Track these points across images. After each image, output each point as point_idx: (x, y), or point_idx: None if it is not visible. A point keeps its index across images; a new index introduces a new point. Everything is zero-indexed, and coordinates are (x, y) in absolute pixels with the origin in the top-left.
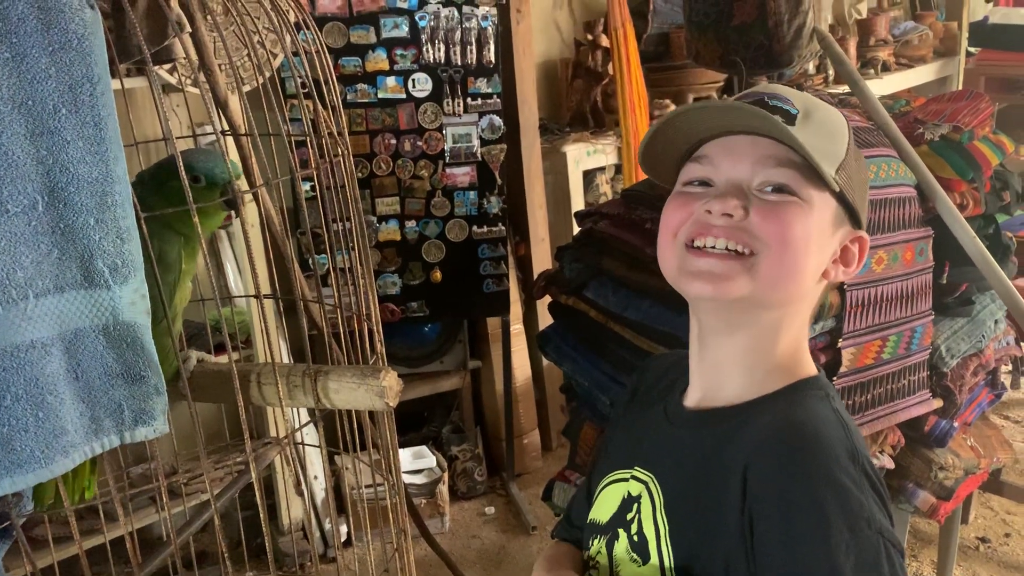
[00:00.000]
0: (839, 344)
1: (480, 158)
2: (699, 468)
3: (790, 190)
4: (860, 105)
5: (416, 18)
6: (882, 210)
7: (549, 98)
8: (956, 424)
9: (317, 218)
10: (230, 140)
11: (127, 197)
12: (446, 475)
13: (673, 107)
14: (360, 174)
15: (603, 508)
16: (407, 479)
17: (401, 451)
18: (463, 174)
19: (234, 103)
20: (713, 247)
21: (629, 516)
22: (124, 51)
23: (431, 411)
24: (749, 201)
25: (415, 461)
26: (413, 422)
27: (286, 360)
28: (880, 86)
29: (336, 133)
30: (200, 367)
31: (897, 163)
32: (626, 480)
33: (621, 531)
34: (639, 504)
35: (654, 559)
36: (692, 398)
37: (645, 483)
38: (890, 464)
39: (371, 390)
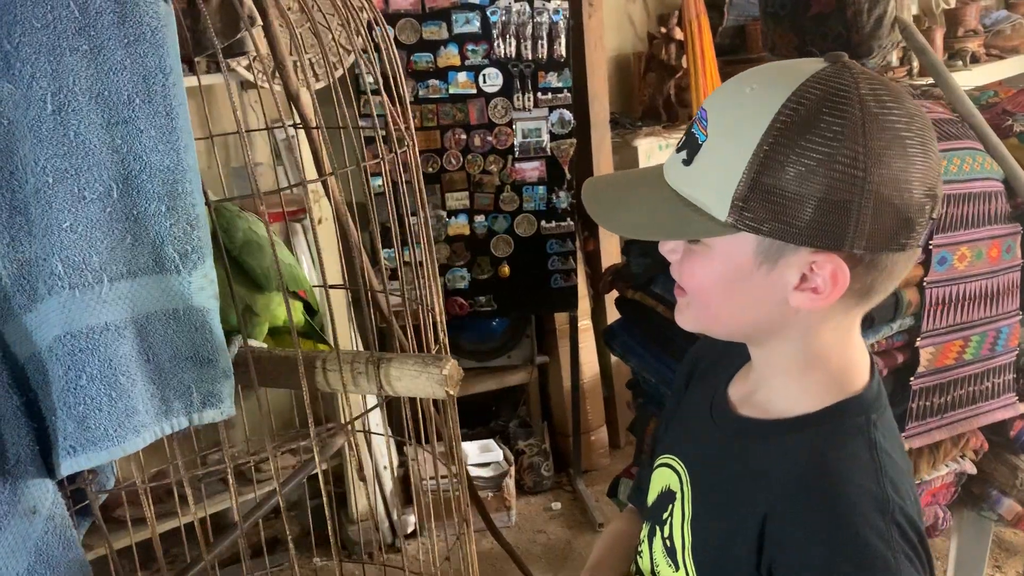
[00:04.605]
0: (917, 343)
1: (550, 153)
2: (725, 486)
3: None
4: (944, 96)
5: (487, 13)
6: (965, 205)
7: (621, 92)
8: None
9: (385, 213)
10: (303, 132)
11: (197, 185)
12: (513, 469)
13: None
14: (430, 169)
15: (652, 490)
16: (474, 472)
17: (468, 444)
18: (532, 169)
19: (305, 97)
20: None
21: (664, 515)
22: (200, 45)
23: (498, 405)
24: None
25: (482, 454)
26: (480, 416)
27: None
28: (969, 78)
29: (403, 128)
30: (267, 353)
31: (983, 156)
32: (669, 466)
33: (657, 528)
34: (672, 506)
35: (682, 570)
36: (738, 389)
37: (679, 477)
38: (972, 469)
39: (432, 378)
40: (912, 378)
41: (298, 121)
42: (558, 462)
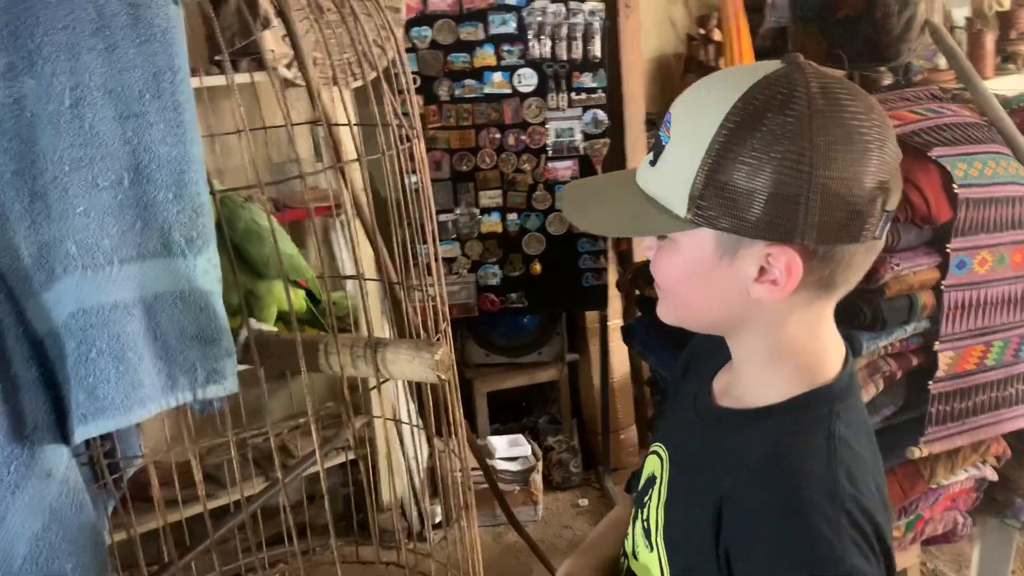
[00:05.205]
0: (935, 347)
1: (583, 152)
2: (695, 472)
3: (659, 236)
4: (972, 100)
5: (523, 14)
6: (986, 209)
7: (663, 93)
8: None
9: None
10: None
11: (202, 176)
12: (540, 464)
13: None
14: (465, 167)
15: (642, 477)
16: (502, 466)
17: (497, 438)
18: (565, 168)
19: (326, 95)
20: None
21: (645, 499)
22: (216, 46)
23: (529, 401)
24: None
25: (510, 448)
26: (510, 411)
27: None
28: (1022, 82)
29: (407, 124)
30: (275, 337)
31: (1007, 160)
32: (656, 454)
33: (639, 511)
34: (652, 490)
35: (655, 550)
36: (721, 381)
37: (662, 463)
38: (992, 476)
39: (424, 363)
40: (931, 382)
41: (319, 119)
42: (587, 459)
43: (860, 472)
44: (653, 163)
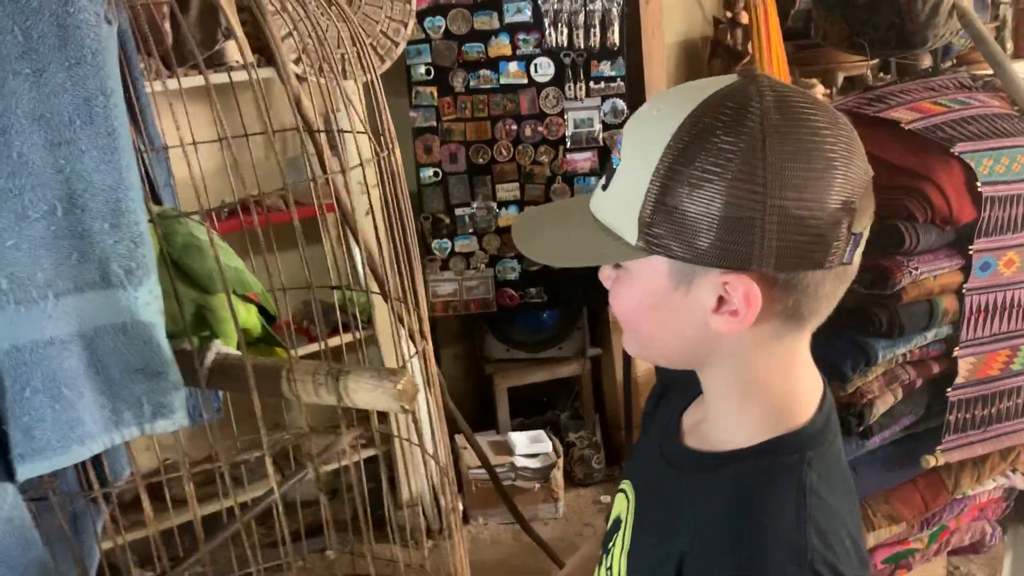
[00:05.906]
0: (955, 352)
1: (602, 143)
2: (657, 519)
3: (615, 265)
4: (1004, 88)
5: (539, 2)
6: (1013, 207)
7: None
8: None
9: (438, 204)
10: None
11: (140, 203)
12: (561, 461)
13: (820, 87)
14: (481, 160)
15: (611, 516)
16: (522, 463)
17: (518, 434)
18: (584, 159)
19: (307, 99)
20: None
21: (610, 545)
22: (181, 55)
23: (551, 396)
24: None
25: (532, 445)
26: (533, 406)
27: (404, 347)
28: None
29: (379, 132)
30: (237, 359)
31: None
32: (624, 492)
33: (603, 557)
34: (616, 535)
35: None
36: (691, 417)
37: (628, 506)
38: (1023, 485)
39: (387, 392)
40: (949, 389)
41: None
42: (610, 455)
43: (832, 527)
44: (605, 187)
